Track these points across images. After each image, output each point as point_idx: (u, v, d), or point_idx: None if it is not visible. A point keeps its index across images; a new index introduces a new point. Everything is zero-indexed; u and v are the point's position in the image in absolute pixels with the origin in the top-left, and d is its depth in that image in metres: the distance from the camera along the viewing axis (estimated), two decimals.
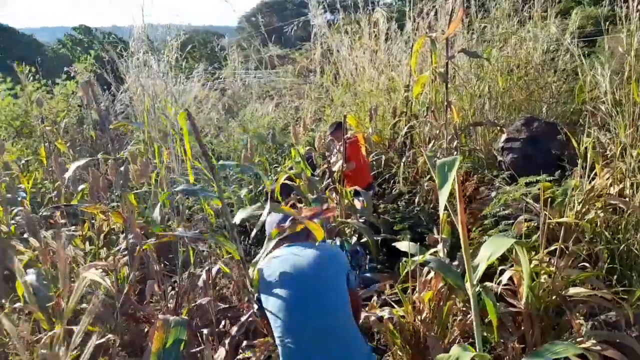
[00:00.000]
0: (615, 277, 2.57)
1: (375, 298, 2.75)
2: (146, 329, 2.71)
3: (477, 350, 0.98)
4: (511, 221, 2.87)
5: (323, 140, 4.15)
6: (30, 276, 2.76)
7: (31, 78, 6.93)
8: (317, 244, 2.08)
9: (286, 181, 3.56)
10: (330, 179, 3.81)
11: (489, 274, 2.95)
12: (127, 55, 4.79)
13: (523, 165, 3.69)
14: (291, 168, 4.21)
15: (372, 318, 2.52)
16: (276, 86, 7.55)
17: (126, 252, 2.53)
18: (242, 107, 7.21)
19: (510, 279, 2.32)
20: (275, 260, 2.02)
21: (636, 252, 2.58)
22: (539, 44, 4.77)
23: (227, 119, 6.82)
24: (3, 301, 3.17)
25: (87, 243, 3.37)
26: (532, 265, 2.28)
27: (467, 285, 0.95)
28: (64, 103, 6.63)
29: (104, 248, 3.43)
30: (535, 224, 2.84)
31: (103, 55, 7.82)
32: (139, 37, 4.28)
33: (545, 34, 4.84)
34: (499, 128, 4.17)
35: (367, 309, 2.61)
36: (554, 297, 2.21)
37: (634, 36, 2.64)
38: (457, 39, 4.84)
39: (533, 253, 2.40)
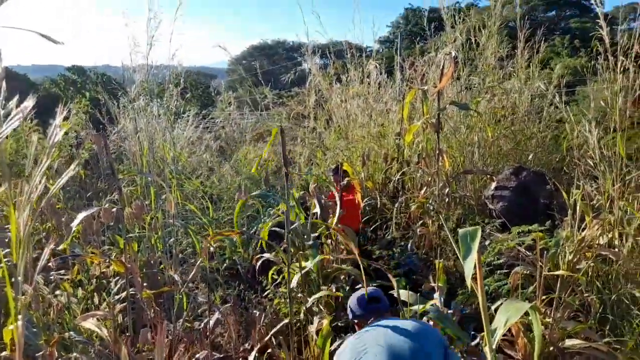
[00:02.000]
0: (607, 327, 2.61)
1: None
2: None
3: None
4: (505, 270, 2.92)
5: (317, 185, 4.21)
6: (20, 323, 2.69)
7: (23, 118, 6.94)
8: (406, 320, 2.07)
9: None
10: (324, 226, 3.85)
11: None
12: (127, 99, 4.87)
13: (513, 213, 3.78)
14: (284, 212, 4.23)
15: None
16: (269, 129, 7.69)
17: (123, 300, 2.49)
18: (235, 150, 7.30)
19: (509, 330, 2.34)
20: (367, 334, 1.88)
21: (627, 302, 2.64)
22: (524, 95, 5.00)
23: (220, 160, 6.87)
24: None
25: (79, 289, 3.30)
26: (529, 317, 2.31)
27: (486, 349, 0.99)
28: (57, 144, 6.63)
29: (95, 294, 3.37)
30: (527, 272, 2.90)
31: (97, 97, 7.93)
32: (140, 84, 4.37)
33: (530, 85, 5.09)
34: (488, 176, 4.29)
35: None
36: (551, 349, 2.24)
37: (619, 95, 2.81)
38: (446, 90, 5.04)
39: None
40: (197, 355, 2.29)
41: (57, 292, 3.12)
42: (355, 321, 2.15)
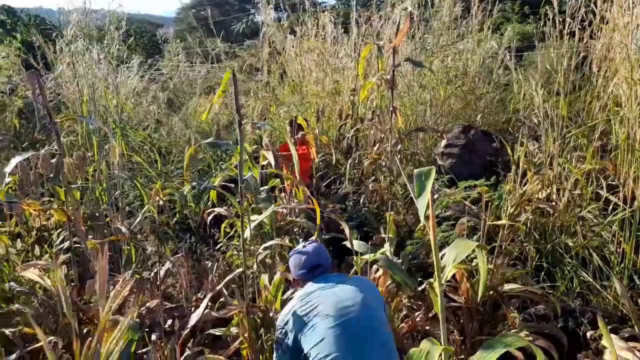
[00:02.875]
0: (542, 273, 2.82)
1: None
2: (86, 330, 2.58)
3: (443, 344, 1.07)
4: (452, 222, 3.05)
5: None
6: None
7: None
8: (347, 276, 2.03)
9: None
10: (279, 179, 3.83)
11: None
12: (62, 41, 4.49)
13: (461, 170, 3.93)
14: (237, 166, 4.17)
15: None
16: (220, 82, 7.42)
17: (67, 251, 2.38)
18: (185, 102, 7.01)
19: (453, 276, 2.48)
20: (313, 296, 1.86)
21: (560, 251, 2.85)
22: (476, 56, 5.10)
23: (169, 113, 6.59)
24: None
25: (18, 240, 3.13)
26: (472, 264, 2.45)
27: (435, 284, 1.03)
28: None
29: (36, 245, 3.21)
30: (472, 224, 3.05)
31: (30, 40, 7.26)
32: (77, 23, 4.03)
33: (482, 47, 5.19)
34: (439, 134, 4.40)
35: None
36: (491, 292, 2.39)
37: (564, 58, 2.92)
38: (401, 47, 5.04)
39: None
40: (147, 304, 2.25)
41: None
42: (297, 279, 2.09)
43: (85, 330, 2.57)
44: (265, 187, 3.94)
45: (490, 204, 2.69)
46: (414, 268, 3.27)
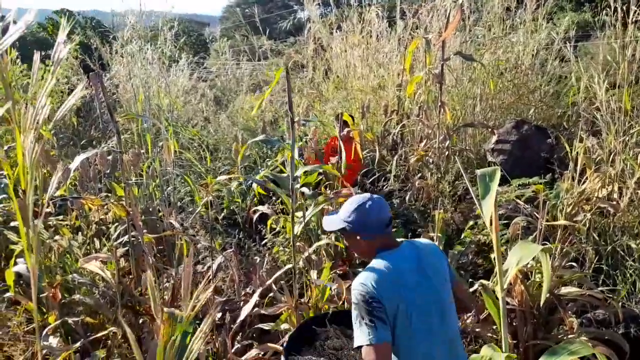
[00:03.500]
0: (602, 276, 2.68)
1: None
2: (141, 320, 2.70)
3: (504, 350, 1.03)
4: (504, 222, 2.95)
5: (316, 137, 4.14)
6: (21, 266, 2.71)
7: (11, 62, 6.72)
8: (415, 248, 1.78)
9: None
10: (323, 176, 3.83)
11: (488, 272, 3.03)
12: (118, 43, 4.70)
13: (513, 167, 3.79)
14: (283, 162, 4.21)
15: None
16: (267, 79, 7.52)
17: (126, 244, 2.50)
18: (232, 100, 7.15)
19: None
20: (390, 269, 1.66)
21: (622, 253, 2.70)
22: (529, 48, 4.89)
23: (216, 110, 6.75)
24: None
25: (79, 233, 3.31)
26: (528, 266, 2.36)
27: (497, 288, 0.99)
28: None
29: (95, 239, 3.38)
30: (526, 224, 2.93)
31: (87, 41, 7.64)
32: (132, 25, 4.20)
33: (536, 38, 4.97)
34: (489, 129, 4.26)
35: None
36: (547, 296, 2.29)
37: (628, 48, 2.74)
38: (450, 40, 4.91)
39: None
40: (199, 296, 2.31)
41: (57, 237, 3.13)
42: (358, 236, 1.75)
43: (141, 321, 2.70)
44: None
45: (546, 203, 2.58)
46: (463, 269, 3.19)
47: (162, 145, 3.92)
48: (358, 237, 1.76)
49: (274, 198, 4.71)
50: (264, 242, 3.74)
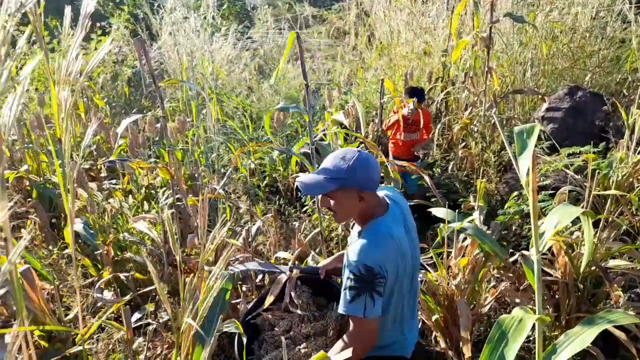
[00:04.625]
0: None
1: None
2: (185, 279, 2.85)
3: (537, 313, 1.01)
4: (550, 192, 2.84)
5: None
6: (78, 225, 2.91)
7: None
8: (397, 204, 1.75)
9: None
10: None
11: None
12: (162, 12, 4.78)
13: (564, 136, 3.60)
14: (324, 131, 4.21)
15: None
16: (309, 47, 7.46)
17: (170, 207, 2.61)
18: (274, 68, 7.16)
19: (549, 249, 2.32)
20: (403, 246, 1.63)
21: None
22: (587, 9, 4.55)
23: (259, 79, 6.79)
24: (51, 247, 3.36)
25: (130, 197, 3.49)
26: (573, 237, 2.28)
27: (532, 251, 0.97)
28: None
29: (144, 201, 3.56)
30: (575, 195, 2.81)
31: (137, 12, 7.81)
32: None
33: None
34: (540, 96, 4.05)
35: None
36: (593, 268, 2.21)
37: None
38: (500, 1, 4.65)
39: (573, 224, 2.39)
40: (239, 257, 2.41)
41: (110, 199, 3.32)
42: (361, 195, 1.60)
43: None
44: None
45: (597, 172, 2.45)
46: (505, 240, 3.12)
47: (206, 113, 4.02)
48: (361, 196, 1.59)
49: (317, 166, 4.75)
50: (304, 209, 3.80)
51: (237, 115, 5.63)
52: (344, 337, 1.63)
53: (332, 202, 1.62)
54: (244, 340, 1.58)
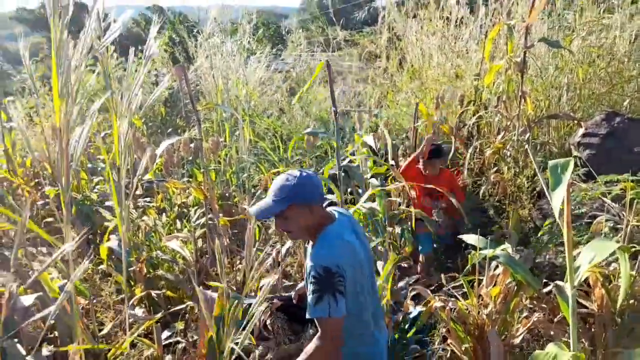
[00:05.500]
0: None
1: None
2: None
3: (572, 349, 0.99)
4: (587, 220, 2.76)
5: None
6: (113, 242, 3.00)
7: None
8: (344, 215, 1.94)
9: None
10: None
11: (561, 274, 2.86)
12: (202, 37, 4.97)
13: (601, 163, 3.49)
14: (353, 153, 4.23)
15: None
16: (340, 70, 7.56)
17: (202, 226, 2.68)
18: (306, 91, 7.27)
19: (585, 280, 2.25)
20: (355, 250, 1.82)
21: None
22: (626, 33, 4.45)
23: (290, 101, 6.92)
24: (87, 263, 3.48)
25: (164, 215, 3.59)
26: (610, 268, 2.20)
27: (567, 285, 0.95)
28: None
29: (177, 220, 3.65)
30: (612, 224, 2.71)
31: (175, 36, 8.15)
32: (214, 20, 4.43)
33: (635, 22, 4.50)
34: (575, 122, 3.97)
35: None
36: (631, 302, 2.12)
37: None
38: (535, 26, 4.61)
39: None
40: (268, 280, 2.43)
41: (144, 217, 3.43)
42: (310, 208, 1.77)
43: None
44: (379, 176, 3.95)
45: (635, 201, 2.37)
46: (538, 268, 3.03)
47: (239, 134, 4.12)
48: (311, 209, 1.77)
49: (344, 188, 4.76)
50: None
51: (268, 136, 5.74)
52: (314, 339, 1.71)
53: (286, 221, 1.79)
54: None
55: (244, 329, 1.60)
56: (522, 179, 3.75)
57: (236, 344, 1.55)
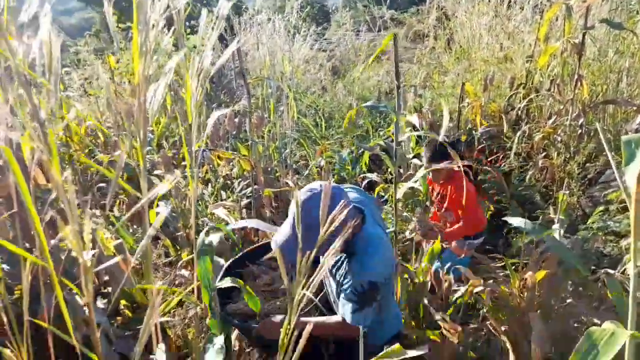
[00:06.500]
0: None
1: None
2: None
3: (629, 328, 0.97)
4: None
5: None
6: (162, 208, 3.13)
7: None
8: (359, 198, 1.79)
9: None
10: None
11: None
12: (248, 14, 5.01)
13: None
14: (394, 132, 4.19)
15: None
16: (385, 49, 7.43)
17: (248, 195, 2.75)
18: (349, 69, 7.23)
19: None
20: (383, 241, 1.66)
21: None
22: None
23: (334, 79, 6.90)
24: (135, 226, 3.65)
25: (209, 185, 3.70)
26: None
27: (630, 265, 0.93)
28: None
29: (222, 191, 3.76)
30: None
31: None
32: None
33: None
34: (634, 108, 3.77)
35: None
36: None
37: None
38: (596, 6, 4.37)
39: None
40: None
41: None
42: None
43: None
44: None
45: None
46: (585, 257, 2.94)
47: (283, 110, 4.16)
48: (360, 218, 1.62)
49: (384, 167, 4.75)
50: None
51: (310, 114, 5.76)
52: (337, 318, 1.63)
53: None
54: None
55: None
56: (573, 165, 3.62)
57: None
